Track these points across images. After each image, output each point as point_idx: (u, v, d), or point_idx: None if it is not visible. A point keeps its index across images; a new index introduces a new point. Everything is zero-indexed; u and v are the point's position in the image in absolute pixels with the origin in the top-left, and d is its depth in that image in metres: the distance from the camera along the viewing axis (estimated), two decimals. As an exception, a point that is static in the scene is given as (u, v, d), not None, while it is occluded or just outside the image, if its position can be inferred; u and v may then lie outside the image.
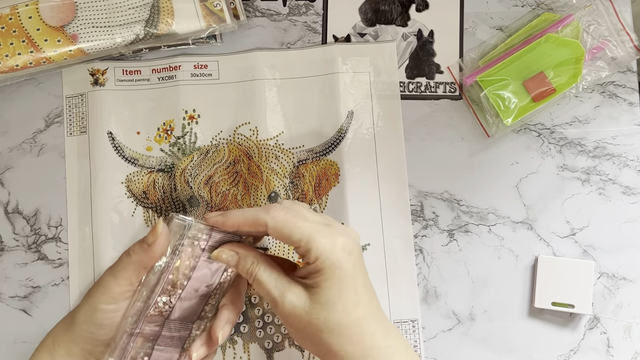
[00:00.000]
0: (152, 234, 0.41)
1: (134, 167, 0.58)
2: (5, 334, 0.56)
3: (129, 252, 0.41)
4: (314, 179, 0.57)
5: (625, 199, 0.56)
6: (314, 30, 0.60)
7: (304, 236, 0.39)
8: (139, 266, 0.41)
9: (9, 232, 0.57)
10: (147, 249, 0.41)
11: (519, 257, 0.56)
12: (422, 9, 0.60)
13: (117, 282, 0.41)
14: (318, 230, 0.40)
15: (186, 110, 0.58)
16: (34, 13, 0.55)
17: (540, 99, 0.55)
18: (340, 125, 0.57)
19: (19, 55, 0.54)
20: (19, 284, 0.57)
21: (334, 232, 0.40)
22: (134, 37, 0.55)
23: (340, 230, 0.41)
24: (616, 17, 0.56)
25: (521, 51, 0.55)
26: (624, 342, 0.55)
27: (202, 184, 0.56)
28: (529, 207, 0.57)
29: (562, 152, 0.57)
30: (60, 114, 0.59)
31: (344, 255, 0.39)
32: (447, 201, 0.57)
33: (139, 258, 0.41)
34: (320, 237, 0.39)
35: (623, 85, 0.58)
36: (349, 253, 0.40)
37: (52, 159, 0.58)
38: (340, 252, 0.39)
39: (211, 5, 0.57)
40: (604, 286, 0.56)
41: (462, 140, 0.58)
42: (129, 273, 0.41)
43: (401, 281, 0.56)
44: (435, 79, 0.59)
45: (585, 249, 0.56)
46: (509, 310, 0.56)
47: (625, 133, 0.57)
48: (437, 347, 0.55)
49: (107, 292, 0.41)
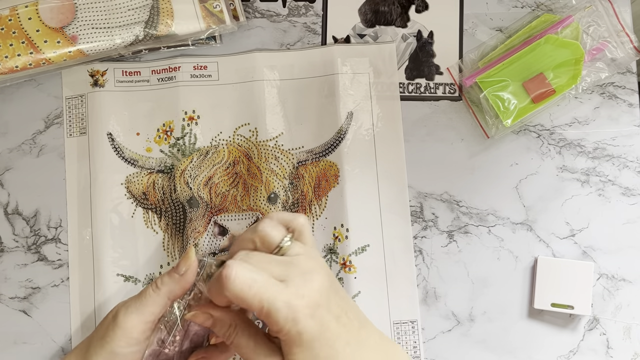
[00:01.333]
0: (184, 262, 0.39)
1: (134, 168, 0.58)
2: (5, 335, 0.56)
3: (157, 284, 0.39)
4: (313, 180, 0.57)
5: (624, 200, 0.56)
6: (314, 31, 0.60)
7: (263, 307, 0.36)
8: (167, 299, 0.39)
9: (9, 233, 0.58)
10: (179, 279, 0.39)
11: (518, 258, 0.56)
12: (421, 10, 0.60)
13: (142, 318, 0.39)
14: (276, 295, 0.36)
15: (186, 111, 0.58)
16: (33, 14, 0.55)
17: (540, 100, 0.55)
18: (339, 126, 0.57)
19: (19, 57, 0.54)
20: (19, 285, 0.57)
21: (293, 292, 0.36)
22: (133, 38, 0.55)
23: (300, 283, 0.37)
24: (616, 18, 0.56)
25: (521, 52, 0.55)
26: (623, 343, 0.55)
27: (202, 185, 0.56)
28: (529, 208, 0.57)
29: (562, 153, 0.57)
30: (60, 115, 0.59)
31: (307, 318, 0.36)
32: (446, 202, 0.57)
33: (168, 289, 0.39)
34: (280, 305, 0.35)
35: (623, 87, 0.58)
36: (314, 310, 0.36)
37: (52, 160, 0.58)
38: (304, 318, 0.35)
39: (211, 7, 0.57)
40: (603, 287, 0.56)
41: (462, 142, 0.58)
42: (156, 308, 0.39)
43: (401, 282, 0.56)
44: (434, 80, 0.59)
45: (584, 250, 0.56)
46: (508, 312, 0.56)
47: (624, 134, 0.57)
48: (437, 348, 0.55)
49: (128, 334, 0.39)
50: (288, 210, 0.56)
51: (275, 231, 0.40)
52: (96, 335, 0.40)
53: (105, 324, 0.40)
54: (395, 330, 0.55)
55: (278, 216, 0.42)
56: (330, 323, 0.37)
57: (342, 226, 0.56)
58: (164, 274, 0.40)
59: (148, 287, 0.40)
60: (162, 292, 0.39)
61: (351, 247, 0.56)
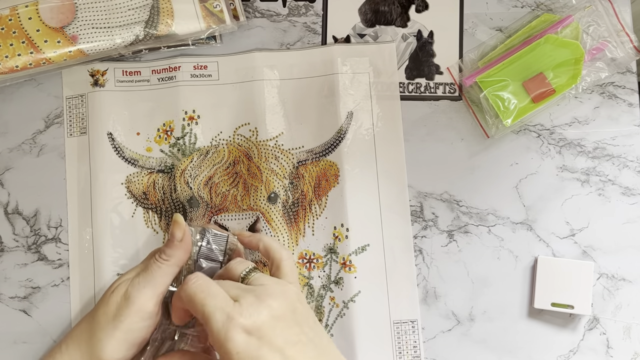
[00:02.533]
0: (178, 229, 0.41)
1: (134, 168, 0.58)
2: (5, 335, 0.56)
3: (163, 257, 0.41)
4: (313, 180, 0.57)
5: (624, 199, 0.56)
6: (314, 31, 0.60)
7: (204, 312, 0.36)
8: (177, 267, 0.41)
9: (9, 233, 0.58)
10: (180, 245, 0.40)
11: (518, 257, 0.56)
12: (421, 10, 0.60)
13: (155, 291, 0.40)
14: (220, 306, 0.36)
15: (186, 111, 0.58)
16: (33, 14, 0.55)
17: (540, 99, 0.55)
18: (339, 126, 0.57)
19: (19, 56, 0.54)
20: (19, 284, 0.57)
21: (238, 310, 0.36)
22: (133, 38, 0.55)
23: (250, 305, 0.37)
24: (616, 18, 0.56)
25: (521, 52, 0.55)
26: (623, 343, 0.55)
27: (202, 185, 0.56)
28: (529, 208, 0.57)
29: (562, 153, 0.57)
30: (60, 114, 0.59)
31: (241, 336, 0.36)
32: (446, 202, 0.57)
33: (176, 258, 0.40)
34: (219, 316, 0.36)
35: (622, 86, 0.58)
36: (252, 333, 0.36)
37: (52, 159, 0.58)
38: (237, 336, 0.36)
39: (211, 6, 0.57)
40: (603, 287, 0.56)
41: (462, 141, 0.58)
42: (167, 278, 0.40)
43: (401, 282, 0.56)
44: (434, 79, 0.59)
45: (584, 249, 0.56)
46: (508, 311, 0.56)
47: (624, 134, 0.57)
48: (437, 347, 0.55)
49: (143, 309, 0.40)
50: (288, 209, 0.56)
51: (242, 265, 0.42)
52: (104, 317, 0.41)
53: (114, 304, 0.41)
54: (395, 329, 0.55)
55: (264, 241, 0.44)
56: (267, 353, 0.36)
57: (342, 226, 0.56)
58: (164, 247, 0.41)
59: (153, 262, 0.41)
60: (172, 262, 0.40)
61: (351, 247, 0.56)
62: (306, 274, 0.56)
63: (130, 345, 0.40)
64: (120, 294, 0.41)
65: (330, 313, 0.55)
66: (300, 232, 0.56)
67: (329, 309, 0.55)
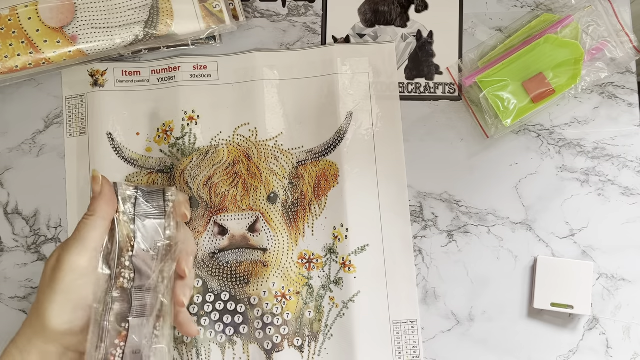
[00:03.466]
0: (95, 183, 0.42)
1: (134, 168, 0.58)
2: (5, 335, 0.56)
3: (87, 214, 0.42)
4: (313, 180, 0.57)
5: (624, 199, 0.56)
6: (314, 31, 0.60)
7: None
8: (103, 220, 0.41)
9: (9, 233, 0.58)
10: (101, 197, 0.42)
11: (518, 257, 0.56)
12: (421, 10, 0.60)
13: (85, 246, 0.40)
14: None
15: (185, 111, 0.58)
16: (33, 14, 0.55)
17: (540, 99, 0.55)
18: (339, 126, 0.57)
19: (19, 57, 0.54)
20: (19, 284, 0.57)
21: None
22: (133, 38, 0.55)
23: None
24: (615, 18, 0.56)
25: (520, 52, 0.55)
26: (623, 343, 0.55)
27: (202, 185, 0.56)
28: (528, 208, 0.57)
29: (562, 153, 0.57)
30: (60, 114, 0.59)
31: None
32: (446, 202, 0.57)
33: (100, 211, 0.41)
34: None
35: (622, 86, 0.58)
36: None
37: (52, 159, 0.58)
38: None
39: (210, 6, 0.57)
40: (603, 287, 0.56)
41: (462, 141, 0.58)
42: (95, 232, 0.41)
43: (400, 282, 0.56)
44: (434, 79, 0.59)
45: (584, 249, 0.56)
46: (508, 311, 0.56)
47: (624, 134, 0.57)
48: (436, 347, 0.55)
49: (75, 267, 0.40)
50: (288, 210, 0.56)
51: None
52: (43, 284, 0.41)
53: (50, 269, 0.41)
54: (394, 329, 0.55)
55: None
56: None
57: (341, 226, 0.56)
58: (89, 207, 0.43)
59: (80, 222, 0.42)
60: (97, 216, 0.41)
61: (351, 247, 0.56)
62: (306, 274, 0.56)
63: (73, 306, 0.40)
64: (54, 258, 0.41)
65: (330, 313, 0.55)
66: (299, 232, 0.56)
67: (328, 309, 0.55)
